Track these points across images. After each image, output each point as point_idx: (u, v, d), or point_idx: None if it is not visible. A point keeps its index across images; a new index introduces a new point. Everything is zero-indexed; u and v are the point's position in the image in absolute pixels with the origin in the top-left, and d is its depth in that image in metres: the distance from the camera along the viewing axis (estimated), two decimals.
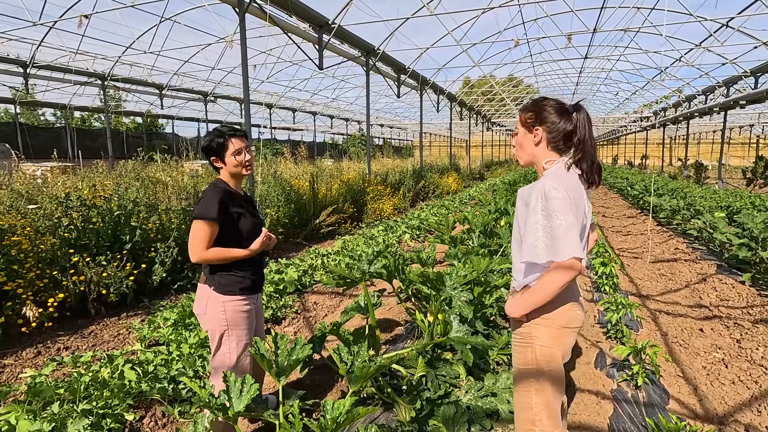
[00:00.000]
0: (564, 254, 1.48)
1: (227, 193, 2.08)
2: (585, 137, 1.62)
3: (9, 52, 13.70)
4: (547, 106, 1.64)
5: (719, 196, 10.40)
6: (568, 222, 1.49)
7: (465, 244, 4.53)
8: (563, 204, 1.50)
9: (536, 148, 1.67)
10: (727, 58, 13.52)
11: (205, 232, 1.98)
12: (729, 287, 4.62)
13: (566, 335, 1.64)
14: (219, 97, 22.37)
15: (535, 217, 1.53)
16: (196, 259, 1.99)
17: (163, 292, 4.59)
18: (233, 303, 2.06)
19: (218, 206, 1.99)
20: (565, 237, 1.47)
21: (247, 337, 2.12)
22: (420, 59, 14.01)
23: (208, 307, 2.06)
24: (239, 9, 6.65)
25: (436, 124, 33.57)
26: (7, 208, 4.49)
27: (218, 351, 2.08)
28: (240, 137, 2.11)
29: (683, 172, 19.58)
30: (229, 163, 2.10)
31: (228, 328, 2.05)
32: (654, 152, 35.28)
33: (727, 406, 2.60)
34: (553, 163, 1.65)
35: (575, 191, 1.58)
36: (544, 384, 1.64)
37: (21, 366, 3.12)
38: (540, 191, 1.54)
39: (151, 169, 7.76)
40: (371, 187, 9.76)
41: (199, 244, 1.98)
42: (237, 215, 2.08)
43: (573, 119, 1.63)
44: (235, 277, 2.08)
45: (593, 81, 22.70)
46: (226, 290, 2.05)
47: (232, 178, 2.15)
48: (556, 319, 1.62)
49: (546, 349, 1.63)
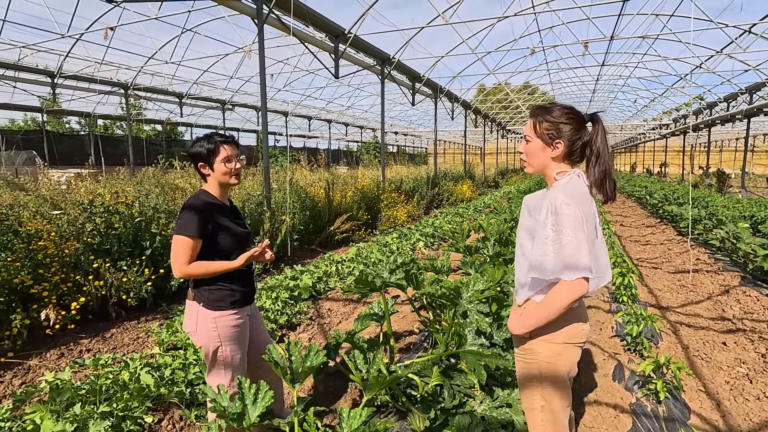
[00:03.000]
0: (572, 273, 1.43)
1: (209, 205, 1.99)
2: (602, 150, 1.56)
3: (38, 63, 14.24)
4: (564, 117, 1.57)
5: (742, 206, 10.12)
6: (578, 239, 1.43)
7: (480, 252, 4.50)
8: (574, 220, 1.44)
9: (551, 159, 1.61)
10: (750, 65, 13.23)
11: (187, 247, 1.89)
12: (753, 300, 4.49)
13: (571, 351, 1.59)
14: (237, 106, 22.80)
15: (544, 231, 1.48)
16: (178, 275, 1.93)
17: (181, 296, 4.67)
18: (225, 318, 1.98)
19: (198, 220, 1.90)
20: (574, 255, 1.42)
21: (240, 350, 2.06)
22: (435, 67, 14.08)
23: (198, 324, 1.98)
24: (258, 20, 6.80)
25: (451, 132, 33.55)
26: (33, 213, 4.64)
27: (213, 367, 2.03)
28: (231, 144, 2.03)
29: (705, 180, 19.12)
30: (218, 170, 2.01)
31: (222, 344, 1.99)
32: (674, 160, 34.53)
33: (752, 423, 2.52)
34: (564, 174, 1.59)
35: (586, 206, 1.52)
36: (549, 400, 1.61)
37: (45, 367, 3.21)
38: (551, 204, 1.48)
39: (170, 176, 7.94)
40: (385, 195, 9.79)
41: (181, 258, 1.90)
42: (221, 227, 1.99)
43: (590, 131, 1.58)
44: (224, 291, 1.99)
45: (610, 88, 22.44)
46: (215, 306, 1.97)
47: (218, 187, 2.06)
48: (559, 335, 1.57)
49: (550, 366, 1.59)
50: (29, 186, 6.99)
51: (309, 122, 28.25)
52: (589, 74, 18.38)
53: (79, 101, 19.63)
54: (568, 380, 1.64)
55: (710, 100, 18.57)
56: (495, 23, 11.21)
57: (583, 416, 2.56)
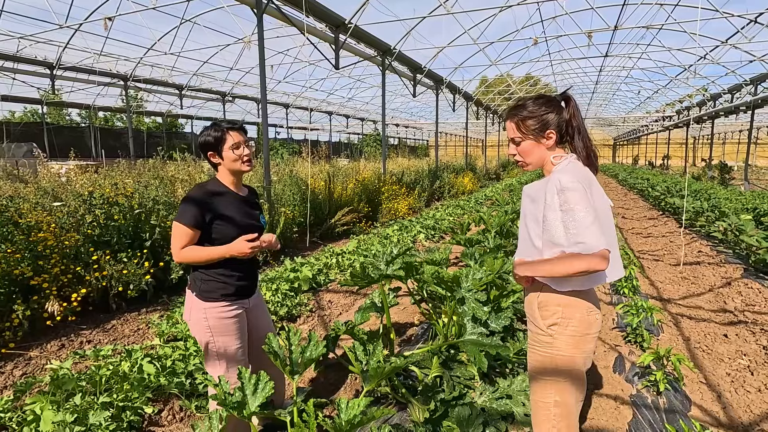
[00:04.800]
0: (593, 246, 1.39)
1: (211, 195, 1.96)
2: (581, 125, 1.61)
3: (37, 55, 14.16)
4: (545, 107, 1.59)
5: (745, 198, 10.06)
6: (591, 214, 1.42)
7: (481, 244, 4.49)
8: (581, 196, 1.43)
9: (547, 150, 1.62)
10: (755, 55, 13.09)
11: (182, 234, 1.89)
12: (755, 292, 4.47)
13: (587, 342, 1.57)
14: (237, 97, 22.69)
15: (553, 213, 1.46)
16: (176, 260, 1.94)
17: (181, 288, 4.68)
18: (215, 310, 1.95)
19: (194, 210, 1.88)
20: (591, 228, 1.40)
21: (236, 343, 2.00)
22: (436, 59, 13.97)
23: (191, 314, 1.97)
24: (257, 10, 6.73)
25: (452, 124, 33.39)
26: (33, 205, 4.63)
27: (209, 359, 2.01)
28: (238, 130, 2.00)
29: (707, 172, 19.03)
30: (227, 158, 1.97)
31: (213, 336, 1.95)
32: (676, 152, 34.36)
33: (753, 415, 2.51)
34: (561, 159, 1.60)
35: (589, 183, 1.53)
36: (564, 395, 1.57)
37: (46, 358, 3.22)
38: (555, 186, 1.47)
39: (169, 168, 7.92)
40: (386, 187, 9.76)
41: (175, 244, 1.90)
42: (222, 217, 1.95)
43: (567, 110, 1.61)
44: (216, 282, 1.96)
45: (613, 80, 22.26)
46: (206, 297, 1.95)
47: (231, 175, 2.03)
48: (577, 327, 1.54)
49: (568, 359, 1.55)
50: (29, 178, 6.98)
51: (310, 114, 28.13)
52: (592, 65, 18.23)
53: (79, 93, 19.57)
54: (584, 373, 1.60)
55: (714, 92, 18.42)
56: (497, 13, 11.09)
57: (583, 408, 2.56)
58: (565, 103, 1.62)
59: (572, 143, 1.63)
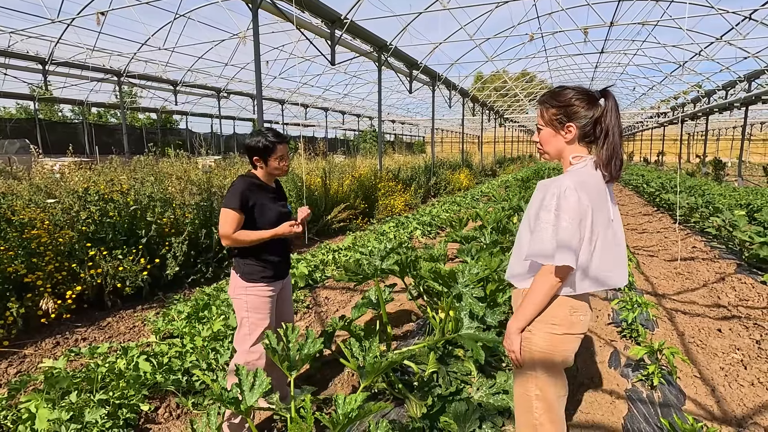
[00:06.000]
0: (558, 258, 1.42)
1: (253, 185, 2.24)
2: (612, 127, 1.49)
3: (28, 50, 13.98)
4: (574, 99, 1.51)
5: (739, 194, 10.14)
6: (572, 228, 1.41)
7: (477, 240, 4.50)
8: (574, 208, 1.42)
9: (566, 144, 1.57)
10: (749, 52, 13.15)
11: (231, 218, 2.15)
12: (749, 287, 4.51)
13: (567, 342, 1.56)
14: (232, 93, 22.55)
15: (547, 215, 1.46)
16: (226, 242, 2.18)
17: (177, 285, 4.66)
18: (254, 289, 2.23)
19: (240, 197, 2.16)
20: (566, 242, 1.41)
21: (266, 320, 2.27)
22: (432, 54, 13.92)
23: (235, 291, 2.26)
24: (252, 5, 6.67)
25: (448, 120, 33.38)
26: (26, 202, 4.58)
27: (239, 331, 2.26)
28: (285, 144, 2.28)
29: (701, 169, 19.15)
30: (271, 166, 2.26)
31: (248, 313, 2.23)
32: (671, 149, 34.53)
33: (746, 408, 2.54)
34: (580, 160, 1.55)
35: (595, 195, 1.48)
36: (545, 390, 1.59)
37: (41, 356, 3.20)
38: (557, 188, 1.46)
39: (163, 165, 7.87)
40: (382, 183, 9.75)
41: (226, 227, 2.15)
42: (263, 205, 2.25)
43: (601, 107, 1.52)
44: (257, 266, 2.24)
45: (609, 76, 22.29)
46: (248, 278, 2.23)
47: (266, 175, 2.31)
48: (557, 326, 1.54)
49: (546, 355, 1.56)
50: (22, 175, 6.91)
51: (305, 110, 28.00)
52: (587, 62, 18.24)
53: (71, 89, 19.34)
54: (563, 370, 1.62)
55: (708, 88, 18.51)
56: (494, 9, 11.05)
57: (579, 402, 2.58)
58: (604, 99, 1.53)
59: (596, 144, 1.55)
